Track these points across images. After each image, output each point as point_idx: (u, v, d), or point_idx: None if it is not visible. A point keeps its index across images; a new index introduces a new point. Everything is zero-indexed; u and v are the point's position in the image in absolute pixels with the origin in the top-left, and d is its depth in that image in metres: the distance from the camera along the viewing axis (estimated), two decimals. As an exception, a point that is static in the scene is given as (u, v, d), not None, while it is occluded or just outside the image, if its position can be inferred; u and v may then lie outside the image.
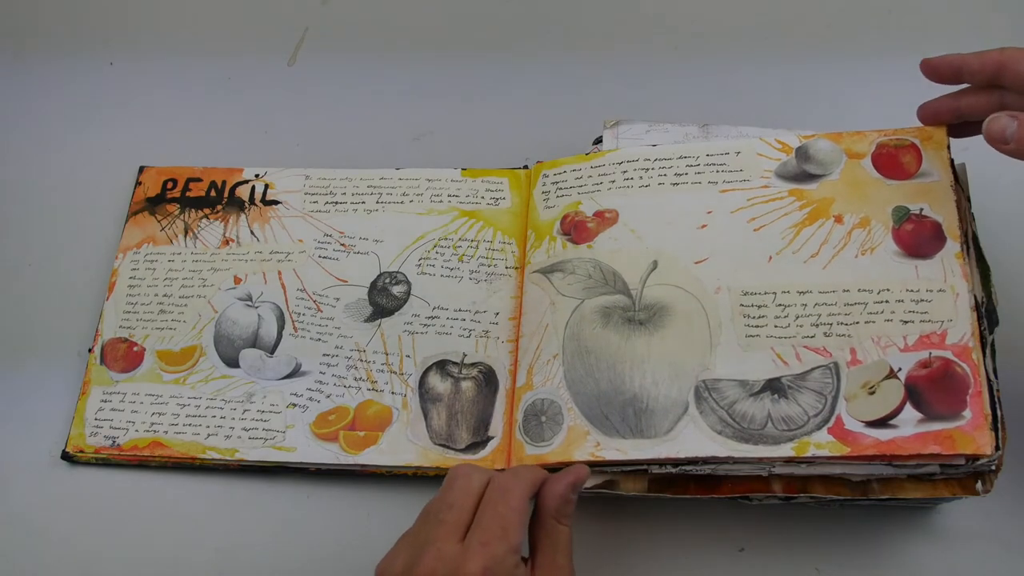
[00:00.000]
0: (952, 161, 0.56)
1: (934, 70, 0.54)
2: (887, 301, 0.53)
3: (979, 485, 0.50)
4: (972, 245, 0.54)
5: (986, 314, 0.52)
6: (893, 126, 0.58)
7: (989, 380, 0.50)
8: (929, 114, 0.56)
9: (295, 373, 0.62)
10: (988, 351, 0.51)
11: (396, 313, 0.63)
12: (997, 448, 0.48)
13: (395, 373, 0.61)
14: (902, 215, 0.55)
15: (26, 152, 0.76)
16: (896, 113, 0.58)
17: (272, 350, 0.63)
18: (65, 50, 0.81)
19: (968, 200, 0.56)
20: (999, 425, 0.49)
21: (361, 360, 0.62)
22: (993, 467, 0.49)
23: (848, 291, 0.53)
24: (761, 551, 0.56)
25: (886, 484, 0.52)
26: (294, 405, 0.61)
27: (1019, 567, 0.55)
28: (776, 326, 0.54)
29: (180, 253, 0.68)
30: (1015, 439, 0.53)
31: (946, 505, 0.56)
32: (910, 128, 0.57)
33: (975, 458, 0.48)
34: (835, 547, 0.56)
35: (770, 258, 0.56)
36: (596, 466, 0.54)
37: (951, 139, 0.56)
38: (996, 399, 0.50)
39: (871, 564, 0.55)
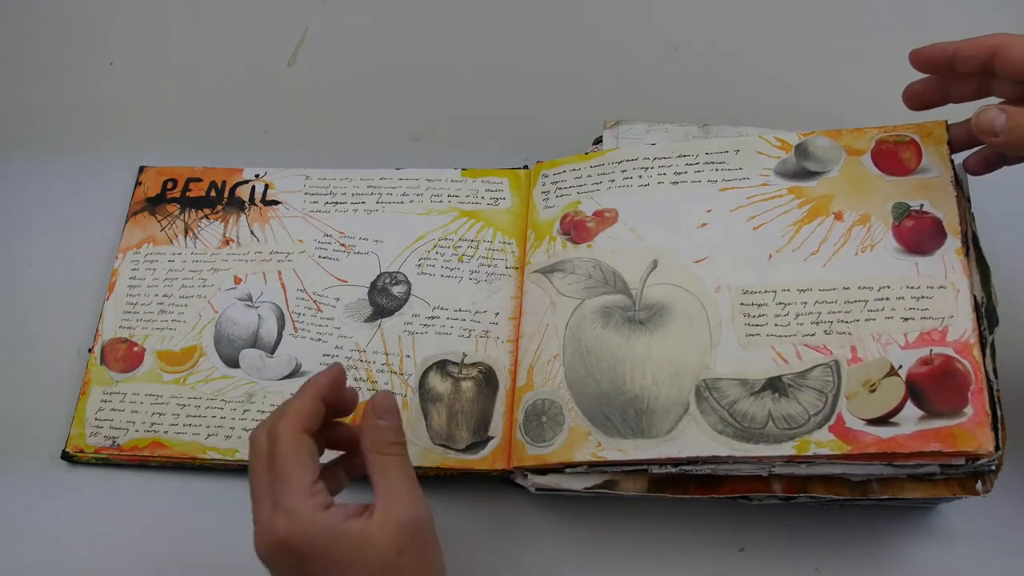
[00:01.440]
0: (952, 159, 0.56)
1: (925, 60, 0.54)
2: (887, 298, 0.53)
3: (979, 485, 0.50)
4: (972, 245, 0.54)
5: (986, 314, 0.52)
6: (893, 123, 0.58)
7: (989, 380, 0.50)
8: (915, 96, 0.56)
9: (295, 373, 0.62)
10: (988, 351, 0.51)
11: (396, 313, 0.63)
12: (997, 448, 0.48)
13: (395, 373, 0.61)
14: (902, 211, 0.55)
15: (26, 152, 0.76)
16: (896, 112, 0.58)
17: (272, 350, 0.63)
18: (65, 50, 0.81)
19: (968, 200, 0.55)
20: (999, 425, 0.49)
21: (361, 360, 0.62)
22: (993, 467, 0.49)
23: (848, 289, 0.53)
24: (761, 551, 0.56)
25: (886, 484, 0.51)
26: (294, 405, 0.61)
27: (1019, 567, 0.55)
28: (776, 324, 0.54)
29: (180, 253, 0.68)
30: (1015, 439, 0.53)
31: (946, 505, 0.56)
32: (909, 124, 0.57)
33: (975, 458, 0.48)
34: (835, 547, 0.56)
35: (770, 256, 0.56)
36: (597, 466, 0.54)
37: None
38: (996, 399, 0.49)
39: (871, 564, 0.55)
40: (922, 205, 0.55)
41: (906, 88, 0.56)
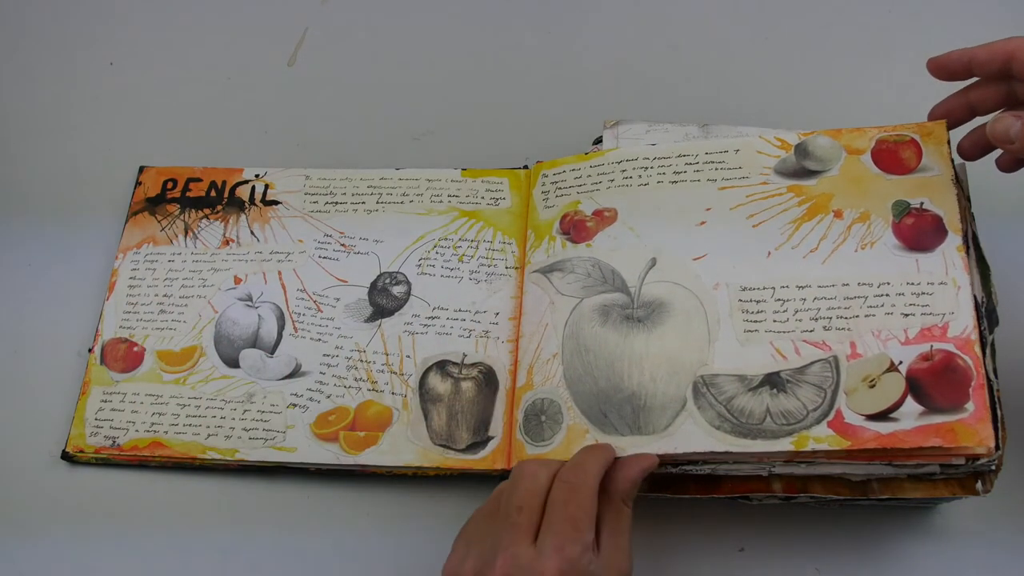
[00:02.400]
0: (952, 159, 0.56)
1: (942, 67, 0.53)
2: (887, 295, 0.52)
3: (979, 485, 0.50)
4: (972, 245, 0.54)
5: (986, 314, 0.52)
6: (893, 123, 0.58)
7: (989, 380, 0.50)
8: (942, 116, 0.56)
9: (295, 373, 0.62)
10: (988, 351, 0.51)
11: (396, 313, 0.63)
12: (997, 448, 0.48)
13: (395, 373, 0.61)
14: (902, 209, 0.55)
15: (26, 152, 0.76)
16: (895, 112, 0.58)
17: (272, 350, 0.63)
18: (65, 50, 0.81)
19: (968, 200, 0.55)
20: (999, 425, 0.49)
21: (361, 360, 0.62)
22: (993, 467, 0.49)
23: (848, 285, 0.53)
24: (761, 551, 0.56)
25: (886, 484, 0.51)
26: (294, 405, 0.61)
27: (1019, 567, 0.55)
28: (775, 320, 0.54)
29: (180, 253, 0.68)
30: (1015, 439, 0.53)
31: (946, 505, 0.56)
32: (909, 124, 0.57)
33: (975, 458, 0.48)
34: (835, 547, 0.56)
35: (769, 253, 0.56)
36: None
37: (967, 162, 0.56)
38: (996, 399, 0.49)
39: (871, 564, 0.55)
40: (922, 203, 0.55)
41: (932, 109, 0.56)
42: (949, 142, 0.56)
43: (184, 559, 0.59)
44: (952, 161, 0.55)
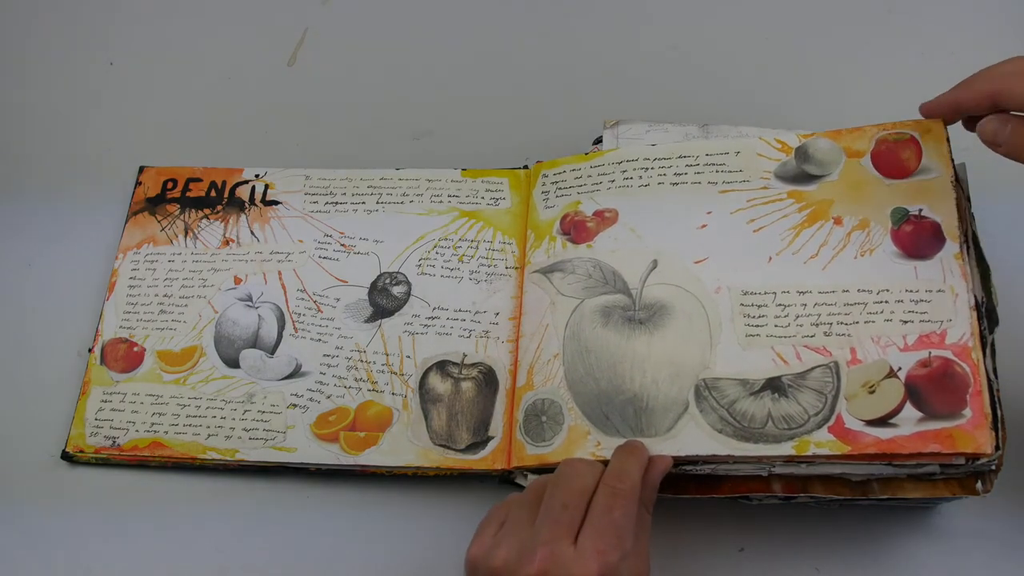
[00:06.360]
0: (952, 159, 0.56)
1: (933, 113, 0.54)
2: (887, 301, 0.53)
3: (979, 485, 0.50)
4: (972, 245, 0.54)
5: (986, 314, 0.52)
6: (892, 122, 0.57)
7: (989, 380, 0.50)
8: (931, 114, 0.55)
9: (295, 374, 0.62)
10: (988, 351, 0.51)
11: (396, 313, 0.63)
12: (997, 448, 0.48)
13: (395, 374, 0.61)
14: (901, 216, 0.55)
15: (26, 152, 0.76)
16: (895, 113, 0.58)
17: (272, 351, 0.63)
18: (65, 50, 0.81)
19: (968, 200, 0.56)
20: (999, 425, 0.49)
21: (361, 361, 0.62)
22: (993, 467, 0.49)
23: (848, 291, 0.53)
24: (761, 551, 0.56)
25: (886, 484, 0.52)
26: (294, 406, 0.61)
27: (1019, 567, 0.55)
28: (776, 325, 0.54)
29: (180, 253, 0.68)
30: (1015, 439, 0.53)
31: (946, 505, 0.56)
32: (909, 121, 0.57)
33: (975, 458, 0.48)
34: (835, 547, 0.56)
35: (770, 259, 0.56)
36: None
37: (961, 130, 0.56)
38: (996, 399, 0.49)
39: (871, 564, 0.55)
40: (921, 210, 0.55)
41: (920, 108, 0.56)
42: (948, 140, 0.56)
43: (184, 559, 0.59)
44: (952, 161, 0.55)
